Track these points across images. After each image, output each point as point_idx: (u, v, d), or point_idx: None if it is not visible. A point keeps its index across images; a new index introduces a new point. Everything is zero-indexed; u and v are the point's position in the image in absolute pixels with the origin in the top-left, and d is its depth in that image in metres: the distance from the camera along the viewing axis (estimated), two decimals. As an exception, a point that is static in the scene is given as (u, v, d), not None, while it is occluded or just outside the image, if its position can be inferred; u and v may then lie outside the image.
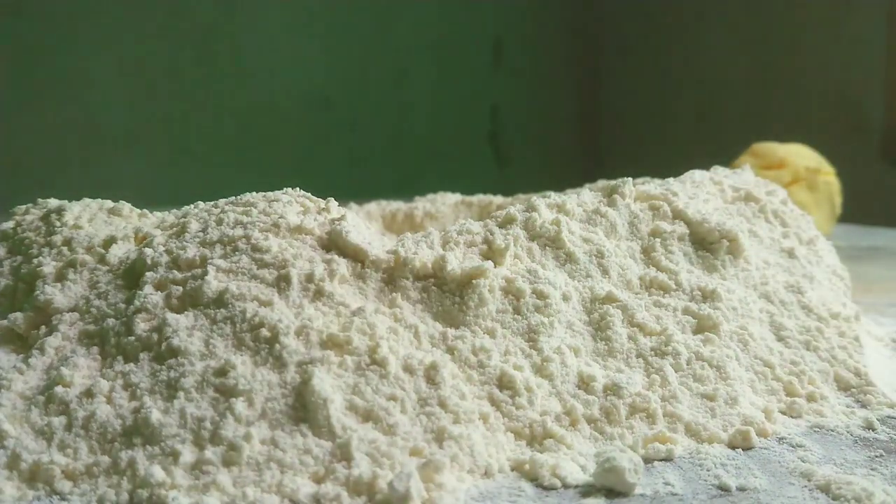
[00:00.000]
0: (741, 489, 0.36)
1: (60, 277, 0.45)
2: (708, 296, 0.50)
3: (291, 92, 2.08)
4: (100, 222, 0.50)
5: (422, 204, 0.84)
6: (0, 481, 0.35)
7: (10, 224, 0.51)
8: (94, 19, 1.87)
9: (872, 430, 0.43)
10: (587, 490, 0.36)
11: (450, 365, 0.41)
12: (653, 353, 0.45)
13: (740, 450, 0.40)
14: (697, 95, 2.07)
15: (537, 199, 0.52)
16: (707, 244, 0.53)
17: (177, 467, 0.35)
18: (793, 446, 0.41)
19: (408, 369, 0.40)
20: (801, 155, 1.09)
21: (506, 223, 0.50)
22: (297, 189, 0.50)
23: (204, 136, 2.00)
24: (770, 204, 0.61)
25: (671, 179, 0.59)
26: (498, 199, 0.84)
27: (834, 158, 1.12)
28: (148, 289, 0.43)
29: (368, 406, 0.38)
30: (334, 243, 0.46)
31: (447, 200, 0.84)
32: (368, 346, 0.40)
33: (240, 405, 0.37)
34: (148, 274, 0.43)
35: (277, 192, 0.49)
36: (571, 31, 2.41)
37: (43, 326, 0.43)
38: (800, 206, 0.65)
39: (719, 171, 0.64)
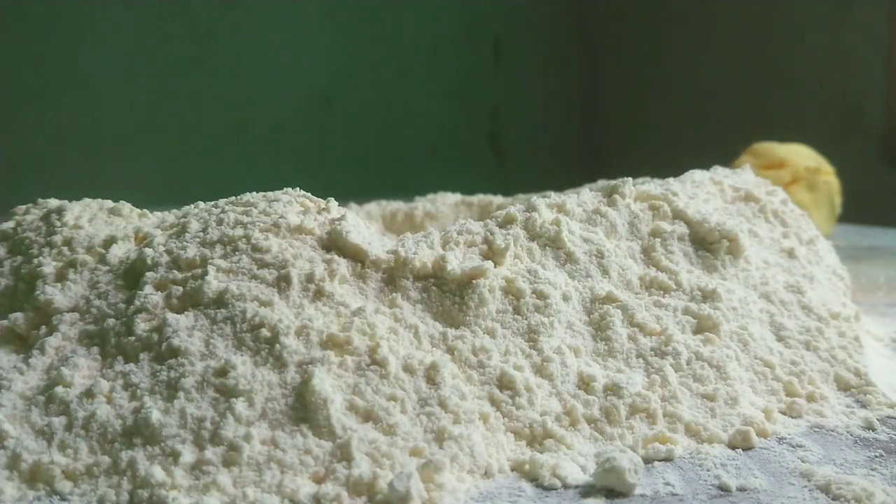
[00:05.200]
0: (741, 489, 0.36)
1: (60, 277, 0.45)
2: (708, 296, 0.50)
3: (291, 92, 2.08)
4: (100, 222, 0.50)
5: (422, 204, 0.84)
6: (0, 481, 0.35)
7: (10, 224, 0.51)
8: (94, 19, 1.87)
9: (872, 431, 0.43)
10: (587, 490, 0.36)
11: (450, 365, 0.41)
12: (653, 353, 0.45)
13: (740, 450, 0.40)
14: (697, 95, 2.07)
15: (537, 199, 0.52)
16: (707, 244, 0.53)
17: (177, 467, 0.35)
18: (793, 446, 0.41)
19: (408, 369, 0.40)
20: (801, 155, 1.09)
21: (506, 223, 0.50)
22: (297, 189, 0.50)
23: (204, 136, 1.99)
24: (770, 204, 0.61)
25: (671, 179, 0.59)
26: (498, 199, 0.84)
27: (834, 158, 1.12)
28: (148, 289, 0.43)
29: (368, 406, 0.38)
30: (334, 243, 0.46)
31: (447, 200, 0.84)
32: (368, 346, 0.40)
33: (240, 405, 0.37)
34: (148, 274, 0.44)
35: (277, 192, 0.49)
36: (571, 30, 2.41)
37: (43, 326, 0.43)
38: (800, 206, 0.65)
39: (719, 171, 0.64)
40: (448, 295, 0.45)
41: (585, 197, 0.54)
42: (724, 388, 0.44)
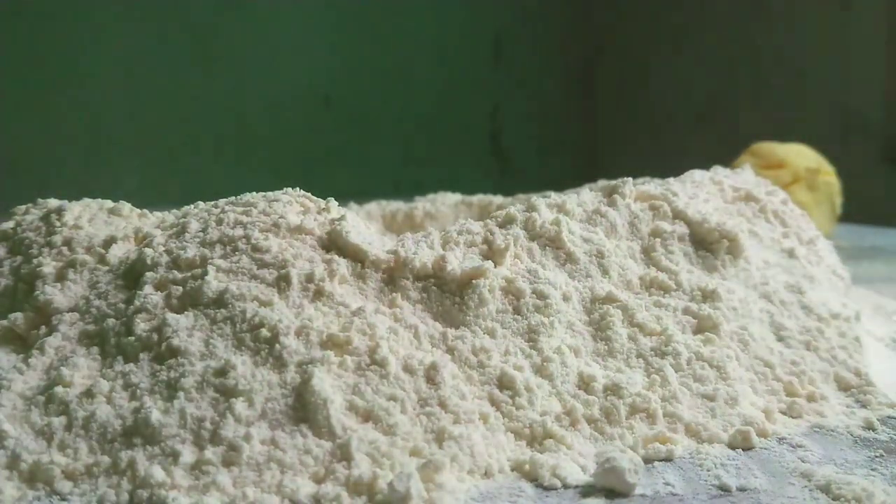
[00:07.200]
0: (741, 489, 0.36)
1: (60, 277, 0.45)
2: (708, 296, 0.50)
3: (291, 91, 2.08)
4: (100, 222, 0.50)
5: (422, 204, 0.84)
6: (0, 481, 0.35)
7: (10, 224, 0.51)
8: (94, 19, 1.87)
9: (872, 430, 0.43)
10: (587, 490, 0.36)
11: (450, 365, 0.41)
12: (653, 353, 0.45)
13: (740, 450, 0.40)
14: (697, 95, 2.07)
15: (537, 199, 0.52)
16: (707, 244, 0.53)
17: (177, 467, 0.35)
18: (793, 446, 0.41)
19: (408, 369, 0.40)
20: (801, 155, 1.09)
21: (506, 223, 0.50)
22: (297, 189, 0.50)
23: (204, 136, 1.99)
24: (770, 204, 0.61)
25: (671, 179, 0.59)
26: (498, 199, 0.84)
27: (834, 158, 1.12)
28: (148, 289, 0.43)
29: (368, 406, 0.38)
30: (334, 243, 0.46)
31: (447, 200, 0.84)
32: (368, 346, 0.40)
33: (240, 405, 0.37)
34: (148, 274, 0.44)
35: (277, 192, 0.49)
36: (572, 30, 2.41)
37: (43, 326, 0.43)
38: (800, 206, 0.65)
39: (719, 171, 0.64)
40: (448, 295, 0.45)
41: (585, 197, 0.54)
42: (724, 388, 0.44)
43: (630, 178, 0.56)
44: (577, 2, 2.41)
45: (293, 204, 0.48)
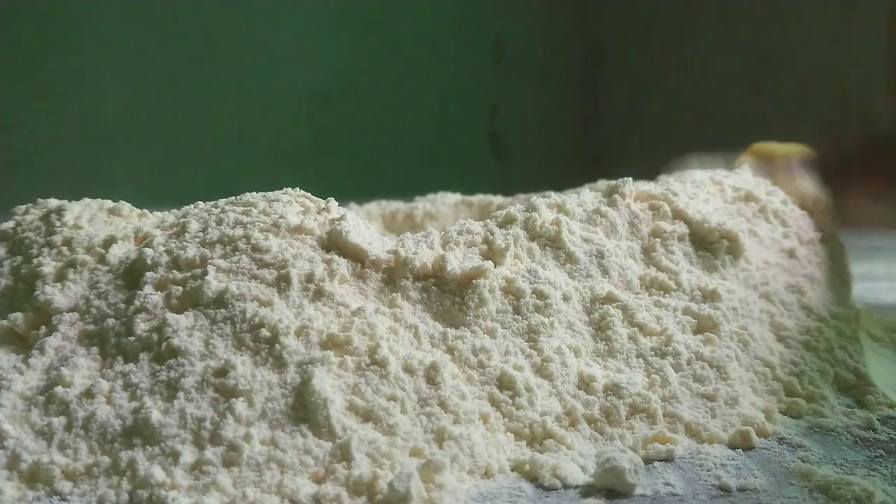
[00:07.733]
0: (741, 489, 0.36)
1: (60, 277, 0.45)
2: (708, 296, 0.50)
3: (291, 92, 2.08)
4: (100, 222, 0.50)
5: (422, 204, 0.84)
6: (0, 481, 0.35)
7: (10, 224, 0.51)
8: (95, 19, 1.87)
9: (872, 431, 0.43)
10: (587, 490, 0.36)
11: (450, 365, 0.41)
12: (653, 353, 0.45)
13: (740, 450, 0.40)
14: (697, 95, 2.07)
15: (537, 199, 0.52)
16: (707, 244, 0.53)
17: (177, 467, 0.35)
18: (793, 446, 0.41)
19: (408, 369, 0.40)
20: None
21: (506, 223, 0.50)
22: (297, 189, 0.50)
23: (204, 137, 1.99)
24: (770, 204, 0.61)
25: (671, 179, 0.59)
26: (498, 199, 0.84)
27: (834, 158, 1.12)
28: (148, 289, 0.43)
29: (368, 406, 0.38)
30: (334, 243, 0.46)
31: (447, 200, 0.84)
32: (368, 346, 0.40)
33: (240, 405, 0.37)
34: (148, 274, 0.43)
35: (277, 192, 0.49)
36: (572, 30, 2.41)
37: (43, 326, 0.43)
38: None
39: (719, 172, 0.64)
40: (448, 295, 0.45)
41: (585, 197, 0.54)
42: (724, 388, 0.44)
43: (630, 178, 0.56)
44: (578, 2, 2.41)
45: (293, 204, 0.48)
